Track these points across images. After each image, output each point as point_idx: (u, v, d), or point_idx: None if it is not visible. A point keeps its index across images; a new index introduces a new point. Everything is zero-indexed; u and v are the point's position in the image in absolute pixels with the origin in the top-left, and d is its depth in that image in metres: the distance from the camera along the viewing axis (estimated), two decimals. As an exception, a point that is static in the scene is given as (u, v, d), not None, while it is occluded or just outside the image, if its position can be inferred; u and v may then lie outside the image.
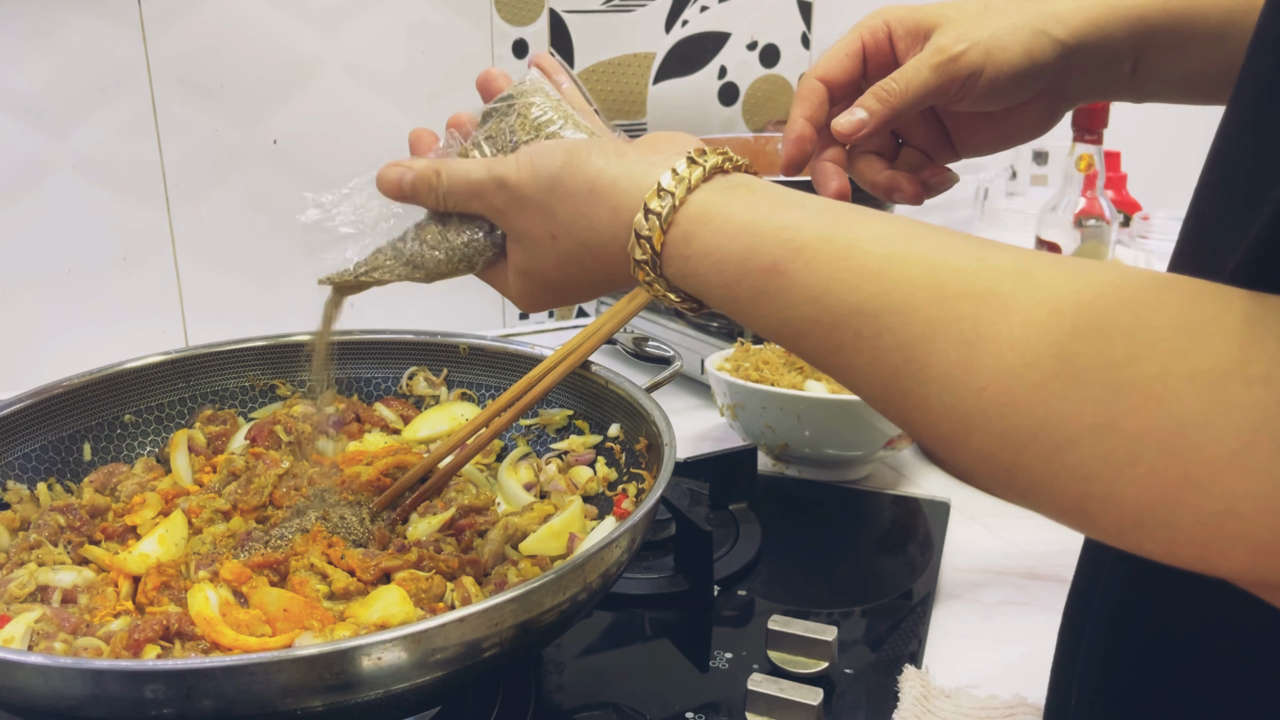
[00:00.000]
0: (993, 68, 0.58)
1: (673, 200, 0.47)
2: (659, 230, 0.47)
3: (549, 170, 0.51)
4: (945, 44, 0.58)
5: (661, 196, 0.47)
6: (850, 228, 0.42)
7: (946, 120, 0.65)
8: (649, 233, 0.47)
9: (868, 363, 0.39)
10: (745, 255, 0.44)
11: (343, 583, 0.60)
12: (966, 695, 0.63)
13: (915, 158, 0.66)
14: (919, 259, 0.39)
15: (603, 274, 0.51)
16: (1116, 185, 1.38)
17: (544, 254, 0.52)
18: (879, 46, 0.62)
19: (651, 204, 0.47)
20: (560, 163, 0.51)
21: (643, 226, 0.47)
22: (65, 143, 1.03)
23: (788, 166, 0.62)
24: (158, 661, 0.52)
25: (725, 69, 1.31)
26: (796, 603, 0.73)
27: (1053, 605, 0.74)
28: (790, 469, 0.91)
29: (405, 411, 0.82)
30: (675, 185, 0.47)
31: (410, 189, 0.58)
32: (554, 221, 0.51)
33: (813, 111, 0.62)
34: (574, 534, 0.66)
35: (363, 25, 1.12)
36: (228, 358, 0.81)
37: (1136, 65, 0.61)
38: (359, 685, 0.46)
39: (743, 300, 0.44)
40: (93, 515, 0.68)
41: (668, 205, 0.47)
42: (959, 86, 0.59)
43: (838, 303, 0.40)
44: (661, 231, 0.47)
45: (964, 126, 0.65)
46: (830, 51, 0.63)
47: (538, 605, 0.51)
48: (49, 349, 1.08)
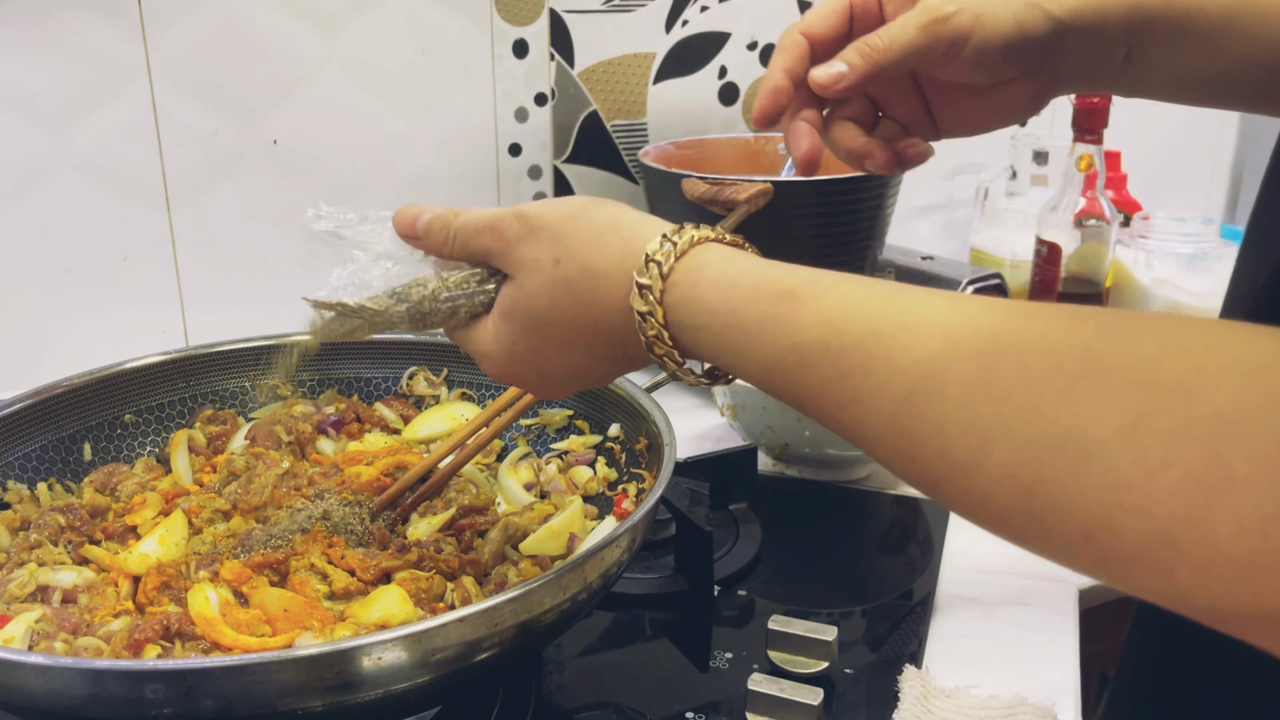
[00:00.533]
0: (981, 34, 0.56)
1: (693, 235, 0.47)
2: (673, 256, 0.46)
3: (573, 205, 0.51)
4: (935, 4, 0.57)
5: (681, 231, 0.47)
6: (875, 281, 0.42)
7: (929, 92, 0.63)
8: (661, 258, 0.46)
9: (877, 387, 0.38)
10: (760, 283, 0.44)
11: (343, 583, 0.60)
12: (966, 695, 0.63)
13: (893, 130, 0.63)
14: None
15: (592, 309, 0.49)
16: (1116, 185, 1.38)
17: (540, 282, 0.51)
18: (867, 5, 0.60)
19: (670, 235, 0.47)
20: (586, 201, 0.51)
21: (656, 251, 0.47)
22: (65, 143, 1.03)
23: (760, 119, 0.60)
24: (158, 661, 0.52)
25: (725, 69, 1.31)
26: (796, 603, 0.73)
27: (1053, 605, 0.74)
28: (790, 469, 0.91)
29: (405, 411, 0.82)
30: (696, 230, 0.48)
31: (424, 229, 0.56)
32: (562, 246, 0.50)
33: (792, 65, 0.59)
34: (574, 534, 0.66)
35: (363, 25, 1.12)
36: (228, 358, 0.81)
37: (1130, 55, 0.60)
38: (359, 685, 0.46)
39: (748, 327, 0.44)
40: (93, 515, 0.68)
41: (687, 238, 0.47)
42: (945, 49, 0.57)
43: (853, 325, 0.40)
44: (675, 258, 0.46)
45: (947, 100, 0.63)
46: (817, 6, 0.61)
47: (538, 605, 0.51)
48: (49, 349, 1.08)
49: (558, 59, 1.22)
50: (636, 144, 1.28)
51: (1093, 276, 1.14)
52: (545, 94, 1.22)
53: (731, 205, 0.94)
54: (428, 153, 1.18)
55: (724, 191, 0.95)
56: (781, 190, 0.99)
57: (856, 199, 1.04)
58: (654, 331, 0.47)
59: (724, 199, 0.95)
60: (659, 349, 0.47)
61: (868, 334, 0.39)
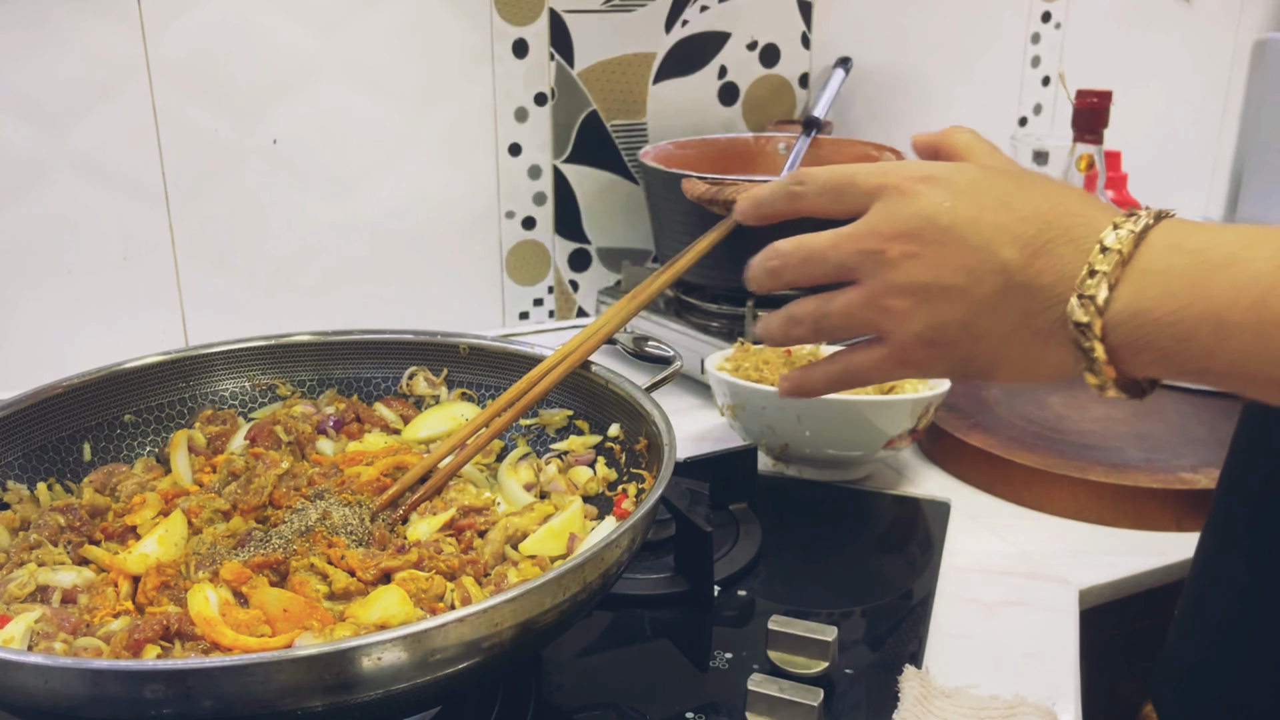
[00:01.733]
0: None
1: (1173, 214, 0.47)
2: (1148, 222, 0.46)
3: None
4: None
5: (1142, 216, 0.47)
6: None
7: None
8: (1124, 221, 0.46)
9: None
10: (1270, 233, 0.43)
11: (343, 583, 0.60)
12: (966, 695, 0.63)
13: None
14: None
15: (1014, 225, 0.48)
16: (1117, 185, 1.38)
17: (962, 170, 0.50)
18: None
19: (1140, 213, 0.46)
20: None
21: (1119, 217, 0.46)
22: (65, 143, 1.03)
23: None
24: (158, 661, 0.52)
25: (725, 69, 1.31)
26: (796, 603, 0.73)
27: (1053, 605, 0.74)
28: (790, 469, 0.91)
29: (405, 411, 0.82)
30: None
31: (768, 198, 0.57)
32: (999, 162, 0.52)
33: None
34: (574, 534, 0.66)
35: (363, 25, 1.12)
36: (228, 358, 0.81)
37: None
38: (359, 685, 0.46)
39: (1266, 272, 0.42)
40: (93, 515, 0.68)
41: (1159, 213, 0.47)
42: None
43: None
44: (1149, 222, 0.46)
45: None
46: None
47: (538, 605, 0.51)
48: (49, 349, 1.08)
49: (558, 59, 1.22)
50: (636, 144, 1.28)
51: (1093, 276, 1.14)
52: (545, 94, 1.22)
53: (731, 205, 0.94)
54: (428, 153, 1.18)
55: (724, 191, 0.95)
56: (781, 190, 0.99)
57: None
58: (1078, 280, 0.46)
59: (724, 199, 0.95)
60: (1077, 308, 0.46)
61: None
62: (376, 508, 0.68)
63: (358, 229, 1.17)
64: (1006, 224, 0.48)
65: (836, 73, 1.22)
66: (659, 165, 1.09)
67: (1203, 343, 0.44)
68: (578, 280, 1.30)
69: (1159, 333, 0.44)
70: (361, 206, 1.16)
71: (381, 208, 1.18)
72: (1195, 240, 0.45)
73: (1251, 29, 1.70)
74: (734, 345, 0.96)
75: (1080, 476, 0.84)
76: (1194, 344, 0.44)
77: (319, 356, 0.83)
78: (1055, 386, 1.02)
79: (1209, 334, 0.43)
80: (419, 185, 1.19)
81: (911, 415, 0.85)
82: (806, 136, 1.18)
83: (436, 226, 1.21)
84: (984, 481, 0.89)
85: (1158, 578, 0.79)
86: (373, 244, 1.18)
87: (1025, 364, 0.50)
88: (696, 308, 1.13)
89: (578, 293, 1.31)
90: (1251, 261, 0.43)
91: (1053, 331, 0.48)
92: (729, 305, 1.11)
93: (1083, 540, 0.82)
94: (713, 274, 1.07)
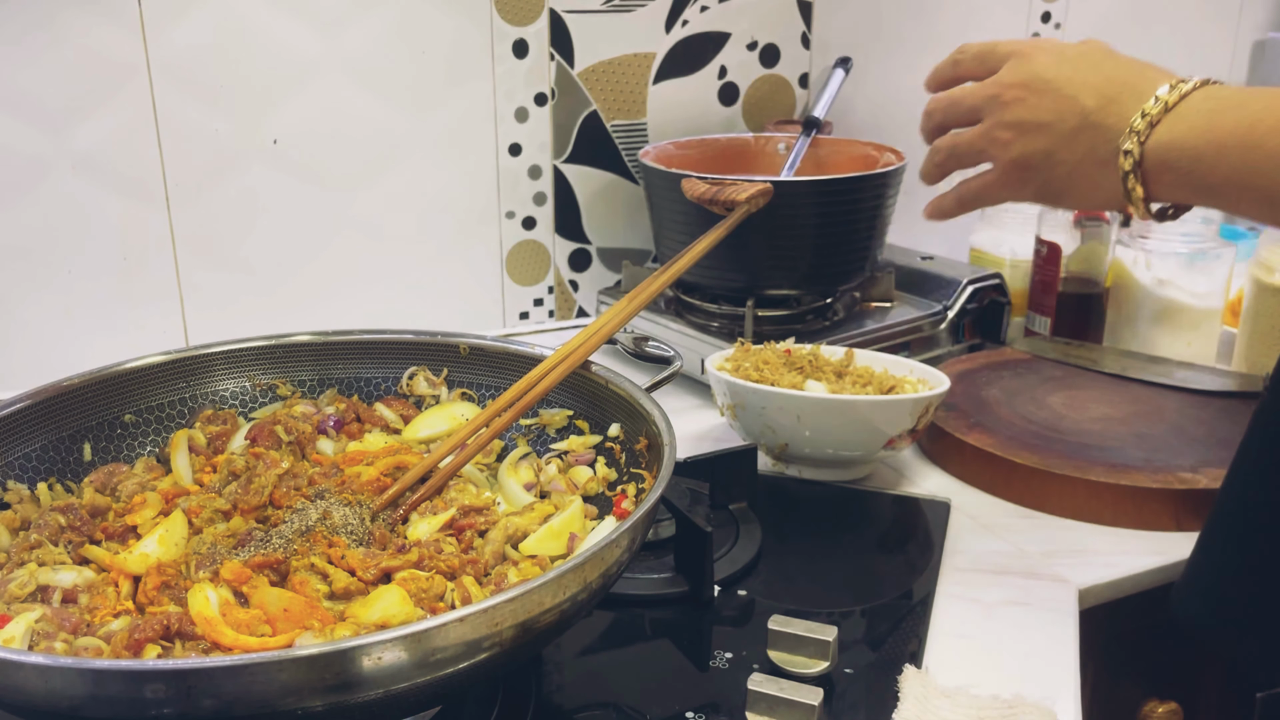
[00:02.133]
0: None
1: (1219, 82, 0.62)
2: (1196, 83, 0.61)
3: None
4: None
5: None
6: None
7: None
8: (1177, 83, 0.61)
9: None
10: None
11: (343, 583, 0.60)
12: (966, 695, 0.63)
13: None
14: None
15: (1085, 70, 0.65)
16: (1116, 185, 1.39)
17: (1072, 44, 0.67)
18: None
19: (1194, 78, 0.62)
20: None
21: (1175, 79, 0.61)
22: (65, 143, 1.03)
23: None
24: (158, 661, 0.52)
25: (725, 69, 1.31)
26: (796, 603, 0.73)
27: (1053, 605, 0.74)
28: (790, 469, 0.91)
29: (405, 411, 0.82)
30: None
31: (940, 66, 0.75)
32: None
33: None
34: (574, 534, 0.66)
35: (363, 25, 1.12)
36: (228, 358, 0.81)
37: None
38: (359, 685, 0.46)
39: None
40: (93, 515, 0.68)
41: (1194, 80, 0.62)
42: None
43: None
44: (1197, 84, 0.61)
45: None
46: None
47: (538, 605, 0.51)
48: (49, 349, 1.08)
49: (558, 59, 1.22)
50: (636, 144, 1.28)
51: (1092, 276, 1.14)
52: (545, 94, 1.22)
53: (731, 205, 0.94)
54: (428, 153, 1.18)
55: (724, 191, 0.95)
56: (781, 190, 0.99)
57: (856, 199, 1.04)
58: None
59: (724, 199, 0.95)
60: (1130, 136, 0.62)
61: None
62: (377, 508, 0.68)
63: (358, 229, 1.17)
64: (1093, 82, 0.65)
65: (836, 73, 1.22)
66: (659, 165, 1.09)
67: (1208, 162, 0.59)
68: (578, 280, 1.30)
69: (1179, 156, 0.60)
70: (361, 206, 1.16)
71: (381, 207, 1.18)
72: (1222, 95, 0.60)
73: (1251, 29, 1.70)
74: (734, 345, 0.96)
75: (1080, 476, 0.84)
76: (1201, 164, 0.59)
77: (319, 356, 0.83)
78: (1055, 386, 1.02)
79: (1213, 155, 0.59)
80: (419, 185, 1.19)
81: (911, 415, 0.85)
82: (806, 136, 1.18)
83: (436, 226, 1.21)
84: (984, 481, 0.90)
85: (1157, 578, 0.79)
86: (373, 244, 1.18)
87: (1089, 188, 0.66)
88: (696, 308, 1.13)
89: (578, 293, 1.31)
90: (1251, 105, 0.58)
91: (1108, 160, 0.63)
92: (729, 305, 1.11)
93: (1083, 540, 0.82)
94: (713, 274, 1.07)
